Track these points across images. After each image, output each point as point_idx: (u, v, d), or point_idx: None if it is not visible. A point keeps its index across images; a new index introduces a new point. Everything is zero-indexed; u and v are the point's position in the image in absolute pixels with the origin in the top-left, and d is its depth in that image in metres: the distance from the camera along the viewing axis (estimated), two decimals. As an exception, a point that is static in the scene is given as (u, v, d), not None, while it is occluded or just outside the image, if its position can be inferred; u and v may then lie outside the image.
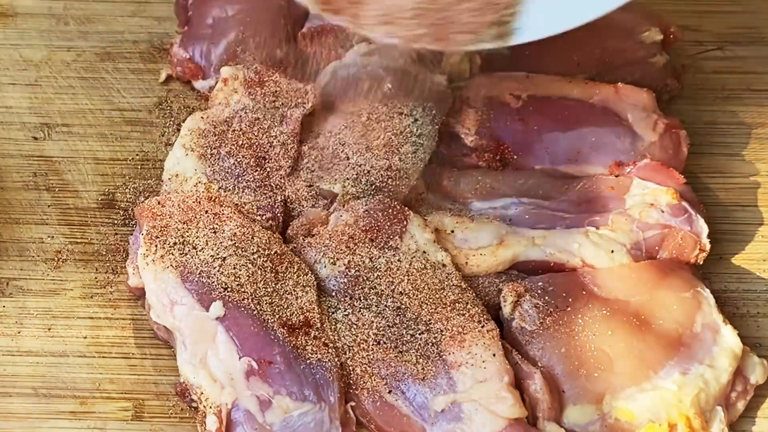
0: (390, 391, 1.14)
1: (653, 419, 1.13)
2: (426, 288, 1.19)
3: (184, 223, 1.20)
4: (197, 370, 1.14)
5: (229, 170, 1.27)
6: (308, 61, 1.41)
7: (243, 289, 1.16)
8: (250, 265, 1.18)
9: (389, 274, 1.20)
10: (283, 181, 1.28)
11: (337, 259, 1.20)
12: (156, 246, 1.18)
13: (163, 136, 1.38)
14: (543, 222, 1.26)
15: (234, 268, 1.17)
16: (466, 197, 1.29)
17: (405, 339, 1.16)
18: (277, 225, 1.25)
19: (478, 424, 1.11)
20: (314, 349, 1.15)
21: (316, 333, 1.16)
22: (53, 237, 1.29)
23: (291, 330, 1.15)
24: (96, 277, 1.27)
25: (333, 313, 1.19)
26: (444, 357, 1.15)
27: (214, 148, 1.28)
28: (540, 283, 1.21)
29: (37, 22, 1.47)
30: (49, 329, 1.22)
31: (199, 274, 1.16)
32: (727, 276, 1.30)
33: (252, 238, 1.20)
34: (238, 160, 1.27)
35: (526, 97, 1.34)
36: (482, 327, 1.16)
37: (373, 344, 1.16)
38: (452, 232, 1.24)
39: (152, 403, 1.18)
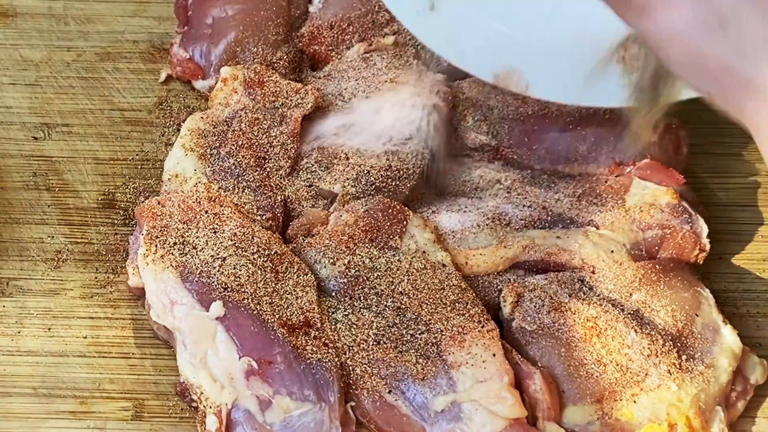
0: (390, 391, 1.14)
1: (653, 419, 1.13)
2: (426, 288, 1.19)
3: (184, 223, 1.20)
4: (197, 370, 1.13)
5: (229, 170, 1.26)
6: (308, 61, 1.41)
7: (243, 289, 1.16)
8: (250, 265, 1.18)
9: (389, 274, 1.20)
10: (283, 181, 1.28)
11: (337, 259, 1.20)
12: (156, 246, 1.18)
13: (163, 136, 1.38)
14: (543, 222, 1.26)
15: (234, 268, 1.17)
16: (466, 197, 1.29)
17: (405, 339, 1.16)
18: (277, 225, 1.25)
19: (478, 424, 1.11)
20: (314, 349, 1.15)
21: (316, 333, 1.16)
22: (53, 237, 1.29)
23: (291, 330, 1.15)
24: (96, 277, 1.26)
25: (333, 313, 1.19)
26: (444, 357, 1.14)
27: (214, 148, 1.28)
28: (540, 283, 1.21)
29: (37, 22, 1.47)
30: (49, 329, 1.22)
31: (199, 274, 1.16)
32: (727, 276, 1.30)
33: (252, 238, 1.20)
34: (238, 160, 1.27)
35: (527, 96, 1.34)
36: (482, 327, 1.16)
37: (373, 344, 1.16)
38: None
39: (152, 403, 1.18)
